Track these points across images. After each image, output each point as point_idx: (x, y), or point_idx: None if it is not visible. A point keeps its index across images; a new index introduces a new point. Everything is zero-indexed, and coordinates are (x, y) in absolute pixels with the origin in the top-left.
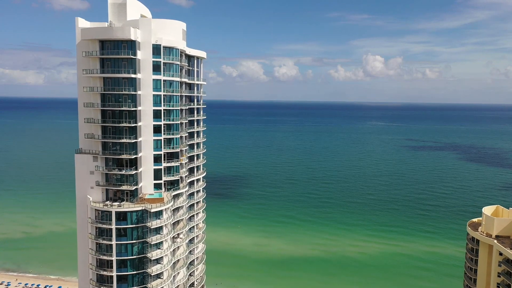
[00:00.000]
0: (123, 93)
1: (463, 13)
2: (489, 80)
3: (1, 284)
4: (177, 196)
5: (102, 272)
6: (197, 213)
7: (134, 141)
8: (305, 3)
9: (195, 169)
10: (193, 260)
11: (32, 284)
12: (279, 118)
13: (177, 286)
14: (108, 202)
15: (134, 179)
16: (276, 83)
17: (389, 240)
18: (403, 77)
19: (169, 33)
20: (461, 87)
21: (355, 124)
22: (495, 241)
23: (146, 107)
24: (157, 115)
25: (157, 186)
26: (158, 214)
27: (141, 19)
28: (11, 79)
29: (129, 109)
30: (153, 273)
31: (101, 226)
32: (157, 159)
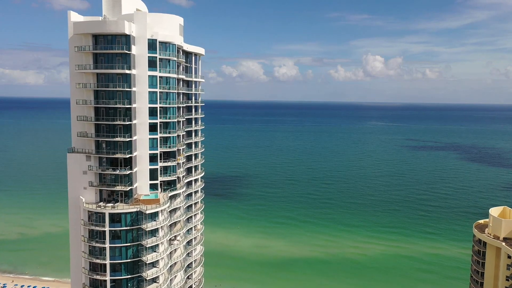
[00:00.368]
0: (117, 89)
1: (463, 13)
2: (489, 80)
3: None
4: (174, 197)
5: (95, 276)
6: (195, 214)
7: (128, 139)
8: (305, 3)
9: (193, 169)
10: (191, 262)
11: (29, 286)
12: (279, 118)
13: None
14: (101, 203)
15: (129, 179)
16: (276, 83)
17: (390, 241)
18: (403, 77)
19: (166, 27)
20: (461, 87)
21: (355, 124)
22: (503, 243)
23: (141, 105)
24: (153, 112)
25: (153, 186)
26: (153, 215)
27: (136, 12)
28: (11, 79)
29: (123, 106)
30: (148, 277)
31: (94, 228)
32: (153, 158)
